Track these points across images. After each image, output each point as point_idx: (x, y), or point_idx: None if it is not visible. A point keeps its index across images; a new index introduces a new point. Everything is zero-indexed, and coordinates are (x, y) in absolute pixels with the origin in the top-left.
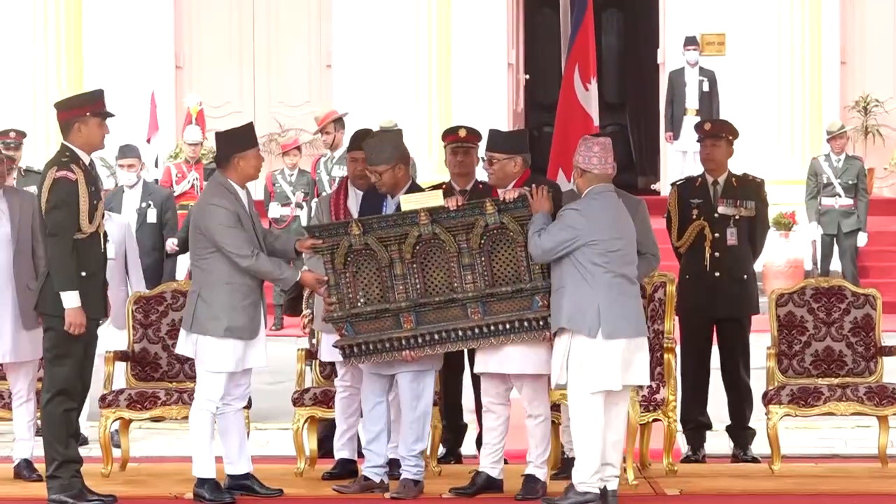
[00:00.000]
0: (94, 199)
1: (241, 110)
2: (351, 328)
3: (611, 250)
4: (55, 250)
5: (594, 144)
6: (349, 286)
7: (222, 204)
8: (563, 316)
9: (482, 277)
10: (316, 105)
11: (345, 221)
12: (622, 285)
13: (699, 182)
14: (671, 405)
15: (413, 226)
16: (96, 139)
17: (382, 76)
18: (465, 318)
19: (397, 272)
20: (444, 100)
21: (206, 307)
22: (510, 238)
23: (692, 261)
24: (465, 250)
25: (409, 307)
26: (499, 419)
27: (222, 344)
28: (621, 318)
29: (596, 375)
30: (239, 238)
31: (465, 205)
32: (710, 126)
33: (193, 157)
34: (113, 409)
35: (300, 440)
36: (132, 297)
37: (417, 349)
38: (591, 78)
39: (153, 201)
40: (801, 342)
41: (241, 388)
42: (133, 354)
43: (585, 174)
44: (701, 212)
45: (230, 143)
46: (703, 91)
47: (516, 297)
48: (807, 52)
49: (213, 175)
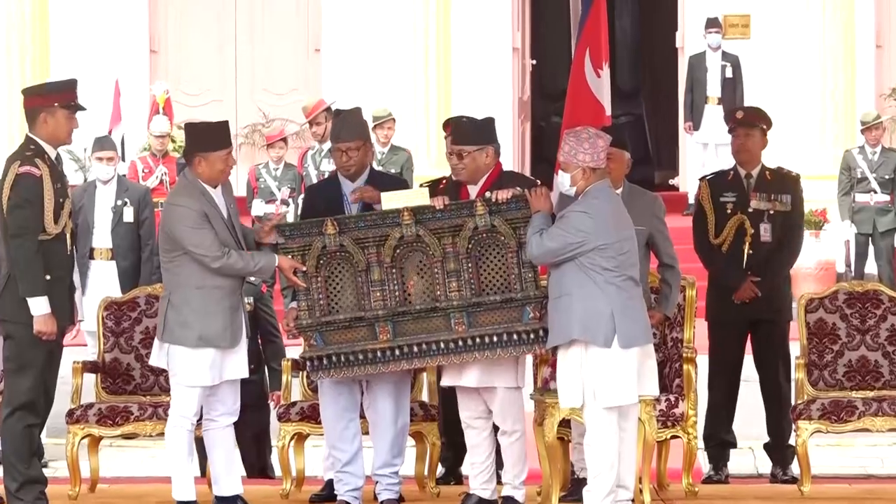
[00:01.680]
0: (60, 196)
1: (222, 98)
2: (320, 338)
3: (620, 253)
4: (19, 253)
5: (596, 137)
6: (320, 291)
7: (186, 204)
8: (574, 326)
9: (468, 285)
10: (303, 93)
11: (318, 219)
12: (631, 289)
13: (731, 176)
14: (691, 420)
15: (394, 226)
16: (63, 133)
17: (376, 61)
18: (447, 329)
19: (374, 277)
20: (443, 87)
21: (176, 314)
22: (500, 243)
23: (729, 259)
24: (451, 255)
25: (386, 316)
26: (481, 434)
27: (195, 354)
28: (634, 325)
29: (611, 389)
30: (206, 238)
31: (453, 204)
32: (743, 114)
33: (161, 150)
34: (81, 424)
35: (286, 459)
36: (102, 303)
37: (394, 362)
38: (604, 63)
39: (129, 198)
40: (832, 351)
41: (226, 403)
42: (103, 365)
43: (595, 171)
44: (736, 207)
45: (194, 141)
46: (725, 77)
47: (505, 308)
48: (839, 35)
49: (182, 171)
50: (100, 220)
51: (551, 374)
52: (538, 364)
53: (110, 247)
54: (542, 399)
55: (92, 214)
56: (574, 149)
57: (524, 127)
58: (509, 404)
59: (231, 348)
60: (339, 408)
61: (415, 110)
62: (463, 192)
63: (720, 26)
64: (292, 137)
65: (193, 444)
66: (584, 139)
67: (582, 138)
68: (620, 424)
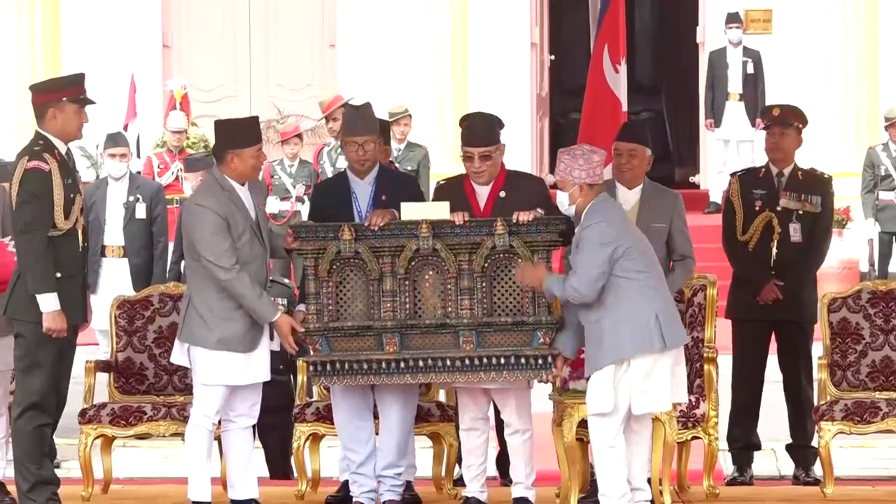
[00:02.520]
0: (71, 192)
1: (236, 94)
2: (326, 344)
3: (644, 254)
4: (27, 249)
5: (591, 153)
6: (330, 297)
7: (209, 205)
8: (625, 346)
9: (480, 304)
10: (318, 88)
11: (336, 224)
12: (663, 286)
13: (763, 173)
14: (712, 421)
15: (412, 238)
16: (72, 128)
17: (392, 57)
18: (455, 346)
19: (386, 287)
20: (460, 83)
21: (196, 316)
22: (517, 265)
23: (755, 257)
24: (466, 272)
25: (394, 328)
26: (481, 436)
27: (216, 356)
28: (676, 323)
29: (647, 396)
30: (220, 247)
31: (473, 221)
32: (780, 112)
33: (177, 146)
34: (94, 425)
35: (301, 460)
36: (115, 302)
37: (398, 375)
38: (622, 59)
39: (142, 195)
40: (856, 352)
41: (246, 404)
42: (116, 364)
43: (592, 188)
44: (765, 204)
45: (226, 137)
46: (746, 73)
47: (516, 331)
48: (862, 30)
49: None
50: (112, 216)
51: (570, 374)
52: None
53: (122, 244)
54: (562, 399)
55: (104, 211)
56: (569, 166)
57: (542, 123)
58: (522, 403)
59: (249, 352)
60: (352, 410)
61: (431, 106)
62: (468, 190)
63: (741, 21)
64: (307, 134)
65: (213, 444)
66: (577, 156)
67: (576, 155)
68: (632, 427)
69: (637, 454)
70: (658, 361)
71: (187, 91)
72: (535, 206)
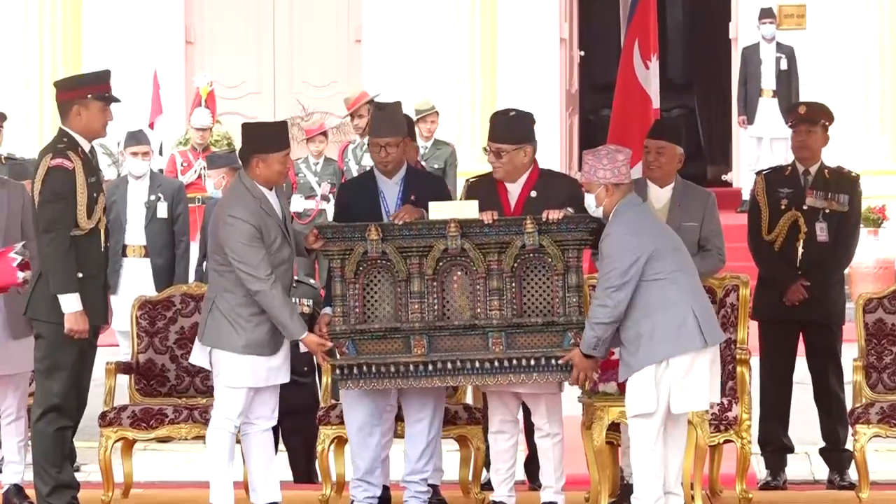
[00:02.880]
0: (94, 191)
1: (260, 91)
2: (353, 346)
3: (677, 250)
4: (50, 248)
5: (615, 152)
6: (357, 298)
7: (243, 216)
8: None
9: (510, 305)
10: (343, 85)
11: (362, 224)
12: (698, 285)
13: (789, 171)
14: (745, 424)
15: (440, 238)
16: (97, 125)
17: (419, 52)
18: (484, 348)
19: (414, 289)
20: (488, 79)
21: (222, 319)
22: (547, 264)
23: (780, 257)
24: (495, 272)
25: (422, 329)
26: (511, 439)
27: (241, 359)
28: (713, 319)
29: (686, 394)
30: (256, 257)
31: (502, 220)
32: (806, 110)
33: (202, 144)
34: (114, 428)
35: (326, 463)
36: (136, 302)
37: (426, 378)
38: (653, 55)
39: (163, 194)
40: (892, 353)
41: (267, 407)
42: (137, 366)
43: (619, 188)
44: (791, 203)
45: (253, 140)
46: (780, 69)
47: (546, 332)
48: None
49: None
50: (132, 216)
51: (600, 377)
52: None
53: (144, 244)
54: (591, 402)
55: (125, 211)
56: (593, 167)
57: (572, 120)
58: (554, 406)
59: (273, 354)
60: (365, 415)
61: (459, 103)
62: (500, 188)
63: (774, 17)
64: (332, 131)
65: (234, 447)
66: (602, 156)
67: (600, 155)
68: (668, 429)
69: (672, 457)
70: (697, 359)
71: (213, 88)
72: (566, 206)
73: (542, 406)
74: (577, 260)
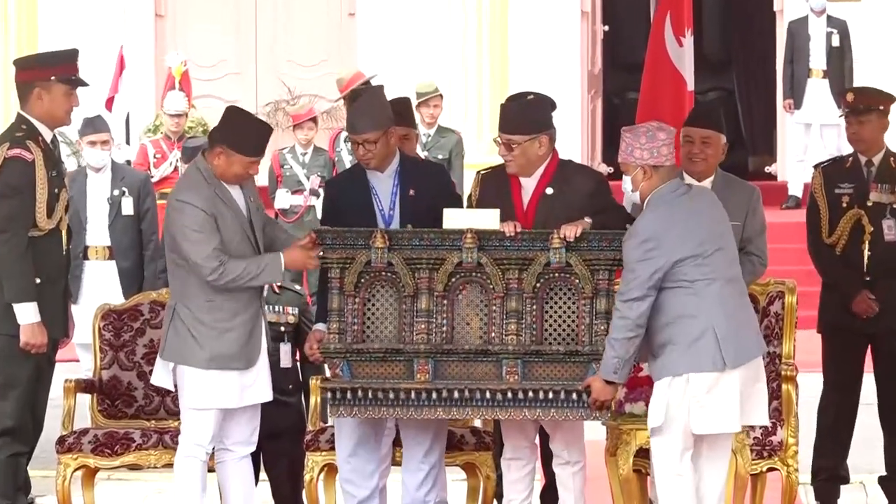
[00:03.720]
0: (55, 186)
1: (240, 71)
2: (348, 368)
3: (708, 254)
4: (4, 250)
5: (656, 130)
6: (356, 314)
7: (193, 201)
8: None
9: (528, 330)
10: (335, 64)
11: (367, 230)
12: (733, 293)
13: (850, 163)
14: (791, 450)
15: (454, 250)
16: (60, 112)
17: (420, 27)
18: (496, 377)
19: (422, 306)
20: (499, 58)
21: (184, 330)
22: (574, 286)
23: (844, 262)
24: (514, 292)
25: (427, 353)
26: (526, 466)
27: (208, 376)
28: (742, 336)
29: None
30: (208, 245)
31: (526, 233)
32: (854, 98)
33: (176, 132)
34: (74, 454)
35: (314, 494)
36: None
37: (428, 408)
38: (686, 30)
39: (127, 187)
40: None
41: (244, 431)
42: (100, 384)
43: (658, 170)
44: (853, 200)
45: (228, 130)
46: (831, 46)
47: (568, 362)
48: None
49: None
50: (94, 213)
51: (626, 396)
52: None
53: (108, 244)
54: (617, 424)
55: (84, 208)
56: (630, 146)
57: (594, 104)
58: (575, 431)
59: (247, 369)
60: (359, 439)
61: (466, 85)
62: (514, 185)
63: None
64: (322, 116)
65: (206, 476)
66: (640, 133)
67: (639, 133)
68: (704, 454)
69: (708, 487)
70: (722, 378)
71: (188, 68)
72: (585, 208)
73: (561, 431)
74: (607, 282)
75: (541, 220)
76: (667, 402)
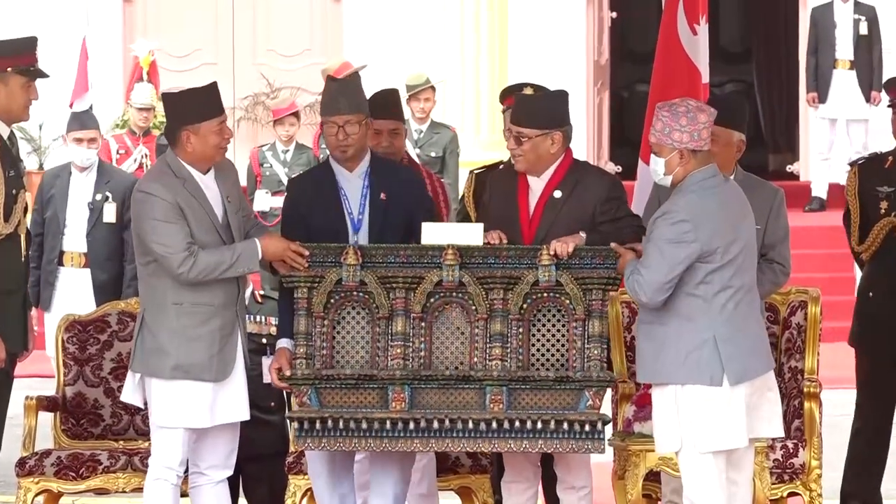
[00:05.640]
0: (13, 187)
1: (216, 62)
2: (316, 396)
3: (727, 259)
4: None
5: (697, 111)
6: (325, 337)
7: (157, 192)
8: (671, 368)
9: (514, 354)
10: (319, 54)
11: (338, 245)
12: (742, 304)
13: (889, 161)
14: (814, 473)
15: (433, 268)
16: (17, 106)
17: (411, 14)
18: (480, 406)
19: (397, 329)
20: (497, 47)
21: (151, 337)
22: (564, 307)
23: (880, 271)
24: (499, 313)
25: (403, 380)
26: (528, 490)
27: (176, 388)
28: (749, 352)
29: (714, 429)
30: (177, 235)
31: (513, 248)
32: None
33: (143, 127)
34: (35, 477)
35: None
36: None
37: (404, 440)
38: (701, 17)
39: (112, 192)
40: None
41: (219, 452)
42: (64, 402)
43: (696, 154)
44: (892, 204)
45: (178, 112)
46: (859, 35)
47: (558, 389)
48: None
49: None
50: (73, 216)
51: (635, 414)
52: (619, 401)
53: (84, 251)
54: (625, 445)
55: (64, 209)
56: (668, 126)
57: (601, 97)
58: (580, 456)
59: (219, 382)
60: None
61: (462, 77)
62: (521, 185)
63: None
64: (305, 111)
65: (178, 501)
66: (680, 114)
67: (678, 113)
68: (730, 476)
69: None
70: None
71: (156, 58)
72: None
73: (565, 454)
74: (601, 303)
75: (546, 226)
76: (676, 418)
